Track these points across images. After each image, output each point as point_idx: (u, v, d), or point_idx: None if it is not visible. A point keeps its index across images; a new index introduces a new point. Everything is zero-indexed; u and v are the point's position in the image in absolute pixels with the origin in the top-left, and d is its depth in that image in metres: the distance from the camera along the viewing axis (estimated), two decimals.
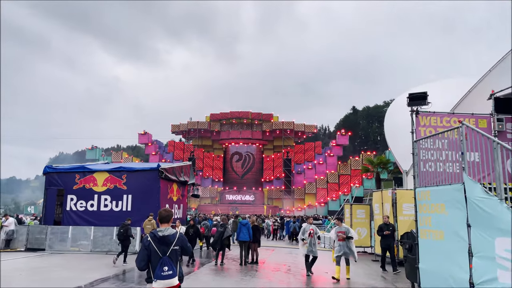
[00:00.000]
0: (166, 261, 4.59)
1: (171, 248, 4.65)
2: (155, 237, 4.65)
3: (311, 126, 73.29)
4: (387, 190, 14.55)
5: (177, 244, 4.72)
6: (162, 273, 4.55)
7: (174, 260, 4.68)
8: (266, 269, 13.05)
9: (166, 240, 4.65)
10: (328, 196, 65.54)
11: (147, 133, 71.22)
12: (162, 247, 4.62)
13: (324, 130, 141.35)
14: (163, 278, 4.54)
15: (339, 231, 11.34)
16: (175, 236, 4.74)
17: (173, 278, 4.61)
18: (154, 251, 4.59)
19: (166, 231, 4.71)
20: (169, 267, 4.58)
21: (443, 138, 8.35)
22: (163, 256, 4.59)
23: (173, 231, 4.78)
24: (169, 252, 4.64)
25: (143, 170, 19.49)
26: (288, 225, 26.40)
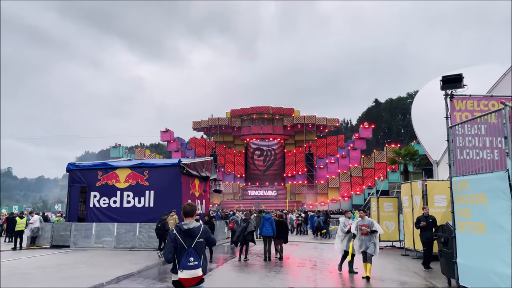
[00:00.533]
0: (192, 253, 4.75)
1: (196, 240, 4.82)
2: (180, 230, 4.85)
3: (333, 119, 72.23)
4: (416, 181, 13.88)
5: (201, 237, 4.89)
6: (188, 263, 4.70)
7: (199, 251, 4.83)
8: (291, 265, 12.64)
9: (191, 233, 4.83)
10: (352, 190, 64.50)
11: (169, 130, 71.63)
12: (188, 239, 4.80)
13: (346, 124, 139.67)
14: (189, 268, 4.70)
15: (362, 224, 10.38)
16: (200, 229, 4.92)
17: (198, 268, 4.76)
18: (180, 244, 4.78)
19: (191, 224, 4.89)
20: (195, 258, 4.74)
21: (481, 123, 7.75)
22: (189, 248, 4.77)
23: (197, 224, 4.95)
24: (194, 244, 4.81)
25: (164, 166, 19.33)
26: (312, 219, 25.91)
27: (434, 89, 18.76)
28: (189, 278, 4.72)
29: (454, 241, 7.82)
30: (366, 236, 10.28)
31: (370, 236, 10.29)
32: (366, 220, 10.56)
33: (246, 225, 13.18)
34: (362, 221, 10.52)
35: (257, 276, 10.48)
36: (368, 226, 10.35)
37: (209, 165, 23.39)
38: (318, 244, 20.32)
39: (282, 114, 70.75)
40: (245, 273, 11.11)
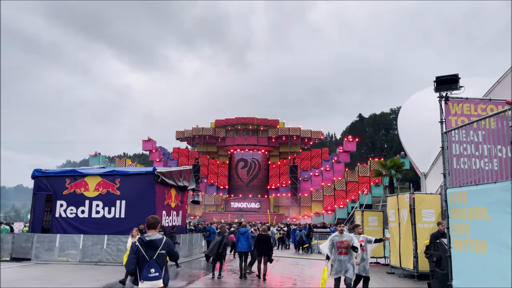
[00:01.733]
0: (153, 264, 4.82)
1: (158, 252, 4.88)
2: (142, 242, 4.90)
3: (317, 132, 71.77)
4: (403, 194, 13.06)
5: (163, 249, 4.95)
6: (149, 274, 4.76)
7: (160, 263, 4.90)
8: (269, 284, 11.58)
9: (153, 244, 4.89)
10: (336, 204, 63.80)
11: (151, 139, 70.14)
12: (150, 251, 4.86)
13: (330, 137, 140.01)
14: (149, 279, 4.76)
15: (341, 241, 8.12)
16: (162, 241, 4.96)
17: (159, 280, 4.82)
18: (142, 255, 4.83)
19: (153, 236, 4.96)
20: (156, 269, 4.81)
21: (478, 129, 6.92)
22: (150, 260, 4.83)
23: (159, 237, 4.99)
24: (156, 255, 4.87)
25: (137, 174, 18.17)
26: (294, 233, 24.89)
27: (421, 101, 18.24)
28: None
29: (449, 261, 6.92)
30: (345, 256, 8.08)
31: (350, 255, 8.15)
32: (346, 235, 8.23)
33: (221, 238, 12.11)
34: (340, 237, 8.18)
35: None
36: (348, 242, 8.09)
37: (187, 174, 22.24)
38: (299, 260, 19.29)
39: (267, 126, 69.98)
40: None
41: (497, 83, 12.26)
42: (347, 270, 8.06)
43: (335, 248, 8.17)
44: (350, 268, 8.09)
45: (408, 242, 12.62)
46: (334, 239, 8.27)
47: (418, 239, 12.35)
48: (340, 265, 8.07)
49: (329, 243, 8.29)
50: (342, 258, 8.10)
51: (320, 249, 8.83)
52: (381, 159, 69.48)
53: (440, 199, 12.69)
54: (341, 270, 8.07)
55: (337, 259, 8.10)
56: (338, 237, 8.24)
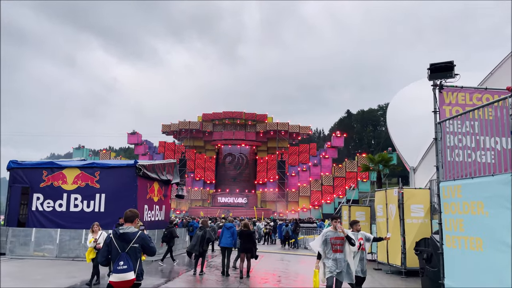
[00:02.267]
0: (124, 257, 4.79)
1: (130, 245, 4.86)
2: (116, 234, 4.95)
3: (306, 127, 71.54)
4: (392, 189, 12.70)
5: (136, 242, 4.91)
6: (118, 267, 4.75)
7: (132, 256, 4.86)
8: (253, 280, 11.11)
9: (125, 237, 4.89)
10: (323, 199, 63.79)
11: (137, 133, 69.05)
12: (122, 243, 4.86)
13: (318, 133, 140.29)
14: (117, 272, 4.75)
15: (335, 237, 7.02)
16: (136, 235, 4.94)
17: (128, 272, 4.76)
18: (114, 247, 4.87)
19: (128, 229, 4.97)
20: (125, 262, 4.77)
21: (474, 119, 6.52)
22: (122, 252, 4.81)
23: (134, 230, 4.99)
24: (128, 248, 4.85)
25: (118, 166, 17.53)
26: (280, 228, 24.50)
27: (410, 95, 17.93)
28: (118, 282, 4.77)
29: (441, 259, 6.53)
30: (341, 254, 6.93)
31: (345, 253, 7.01)
32: (340, 233, 7.07)
33: (202, 233, 11.59)
34: (335, 232, 7.06)
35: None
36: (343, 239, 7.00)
37: (171, 167, 21.64)
38: (285, 255, 18.89)
39: (255, 120, 69.45)
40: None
41: (490, 74, 11.94)
42: (341, 270, 6.88)
43: (328, 245, 6.99)
44: (345, 269, 6.93)
45: (396, 237, 12.26)
46: (327, 234, 7.08)
47: (406, 235, 12.00)
48: (335, 264, 6.87)
49: (321, 239, 7.10)
50: (337, 256, 6.90)
51: (310, 246, 7.89)
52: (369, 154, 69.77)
53: (429, 194, 12.37)
54: (336, 269, 6.85)
55: (332, 257, 6.91)
56: (332, 233, 7.06)
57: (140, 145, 68.88)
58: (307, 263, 16.12)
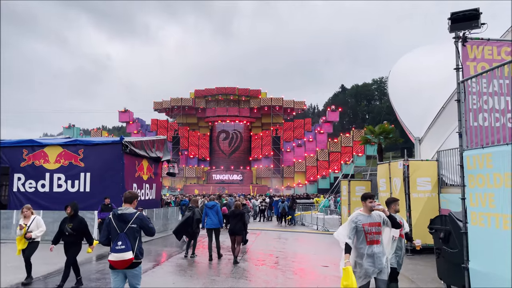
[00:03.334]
0: (122, 237, 4.89)
1: (128, 226, 4.95)
2: (114, 215, 5.04)
3: (300, 102, 70.51)
4: (396, 161, 11.82)
5: (134, 223, 4.98)
6: (116, 247, 4.84)
7: (130, 236, 4.94)
8: (248, 262, 10.30)
9: (123, 218, 4.99)
10: (318, 174, 63.37)
11: (128, 110, 67.70)
12: (120, 224, 4.97)
13: (313, 109, 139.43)
14: (116, 252, 4.84)
15: (369, 223, 4.97)
16: (134, 215, 5.02)
17: (126, 252, 4.82)
18: (113, 228, 4.98)
19: (126, 210, 5.05)
20: (123, 242, 4.86)
21: (502, 77, 5.54)
22: (121, 233, 4.92)
23: (132, 211, 5.07)
24: (126, 229, 4.95)
25: (103, 143, 16.46)
26: (276, 205, 23.77)
27: (413, 62, 16.84)
28: (116, 261, 4.84)
29: (465, 239, 5.66)
30: (379, 247, 4.96)
31: (383, 244, 5.11)
32: (375, 217, 5.01)
33: (191, 214, 10.66)
34: (368, 217, 5.00)
35: (200, 282, 8.07)
36: (380, 224, 5.00)
37: (161, 144, 20.62)
38: (282, 233, 18.17)
39: (249, 96, 68.21)
40: (187, 276, 8.66)
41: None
42: (382, 269, 4.94)
43: (361, 235, 4.94)
44: (385, 266, 4.99)
45: (401, 213, 11.44)
46: (358, 219, 4.99)
47: (412, 210, 11.21)
48: (372, 261, 4.88)
49: (350, 226, 4.99)
50: (374, 250, 4.89)
51: (335, 236, 5.24)
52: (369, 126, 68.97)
53: (436, 166, 11.50)
54: (374, 270, 4.89)
55: (366, 252, 4.89)
56: (364, 217, 5.00)
57: (132, 123, 67.62)
58: (305, 242, 15.41)
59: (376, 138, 22.64)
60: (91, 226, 14.73)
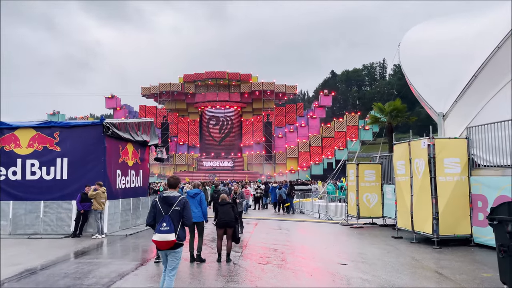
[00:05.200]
0: (166, 219, 5.11)
1: (172, 208, 5.20)
2: (160, 198, 5.34)
3: (292, 87, 68.66)
4: (418, 140, 10.27)
5: (178, 206, 5.22)
6: (161, 228, 5.07)
7: (174, 219, 5.15)
8: (248, 260, 8.70)
9: (167, 200, 5.26)
10: (311, 160, 62.04)
11: (115, 96, 65.25)
12: (165, 206, 5.23)
13: (303, 95, 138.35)
14: (160, 232, 5.05)
15: None
16: (177, 199, 5.28)
17: (169, 233, 5.02)
18: (159, 210, 5.25)
19: (171, 193, 5.37)
20: (167, 223, 5.07)
21: None
22: (165, 215, 5.15)
23: (177, 194, 5.35)
24: (171, 211, 5.18)
25: (81, 125, 14.70)
26: (274, 191, 22.23)
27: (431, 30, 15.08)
28: (160, 241, 5.06)
29: None
30: None
31: None
32: None
33: None
34: None
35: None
36: None
37: (148, 127, 18.84)
38: (282, 222, 16.65)
39: (239, 80, 66.18)
40: (177, 281, 7.04)
41: None
42: None
43: None
44: None
45: (424, 200, 9.97)
46: None
47: (439, 196, 9.71)
48: None
49: None
50: None
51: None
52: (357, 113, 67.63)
53: (466, 145, 9.99)
54: None
55: None
56: None
57: (120, 109, 65.22)
58: (309, 232, 13.93)
59: (386, 116, 20.90)
60: (68, 217, 13.11)
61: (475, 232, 9.71)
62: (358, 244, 10.69)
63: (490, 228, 9.28)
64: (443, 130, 11.04)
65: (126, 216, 15.13)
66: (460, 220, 9.77)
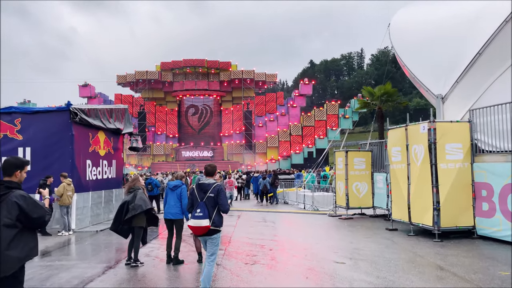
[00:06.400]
0: (201, 205, 5.22)
1: (207, 195, 5.27)
2: (197, 185, 5.45)
3: (272, 75, 67.63)
4: (417, 124, 9.44)
5: (212, 192, 5.28)
6: (195, 213, 5.22)
7: (209, 205, 5.23)
8: (233, 258, 7.72)
9: (203, 187, 5.36)
10: (292, 149, 61.39)
11: (89, 85, 62.89)
12: (201, 193, 5.33)
13: (282, 85, 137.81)
14: (194, 218, 5.22)
15: None
16: (211, 185, 5.34)
17: (203, 219, 5.15)
18: (195, 196, 5.37)
19: (206, 180, 5.47)
20: (202, 209, 5.20)
21: None
22: (200, 201, 5.25)
23: (212, 181, 5.42)
24: (205, 198, 5.26)
25: (45, 111, 13.38)
26: (256, 181, 21.26)
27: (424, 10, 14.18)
28: (194, 227, 5.20)
29: None
30: None
31: None
32: None
33: (130, 199, 7.39)
34: None
35: None
36: None
37: (121, 114, 17.54)
38: (267, 214, 15.72)
39: (219, 69, 64.62)
40: None
41: None
42: None
43: None
44: None
45: (424, 189, 9.18)
46: None
47: (440, 185, 8.92)
48: None
49: None
50: None
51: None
52: (337, 102, 67.21)
53: (469, 129, 9.20)
54: None
55: None
56: None
57: (94, 98, 62.89)
58: (296, 225, 13.07)
59: (376, 100, 20.00)
60: None
61: (478, 223, 8.99)
62: (352, 237, 9.85)
63: (496, 219, 8.66)
64: (442, 114, 10.24)
65: (97, 210, 13.94)
66: (462, 210, 9.03)
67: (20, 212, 3.32)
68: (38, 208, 3.45)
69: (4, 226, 3.26)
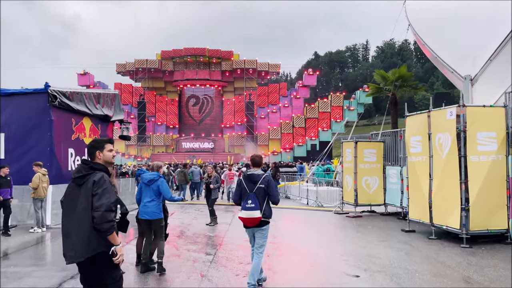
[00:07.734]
0: (251, 196, 5.17)
1: (257, 186, 5.21)
2: (245, 176, 5.41)
3: (275, 65, 66.08)
4: (443, 109, 8.07)
5: (262, 183, 5.21)
6: (246, 205, 5.16)
7: (259, 196, 5.18)
8: (223, 267, 6.44)
9: (251, 178, 5.28)
10: (294, 141, 60.05)
11: (88, 73, 61.57)
12: (250, 184, 5.25)
13: (286, 77, 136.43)
14: (245, 209, 5.17)
15: None
16: (261, 177, 5.27)
17: (255, 210, 5.11)
18: (244, 188, 5.29)
19: (254, 171, 5.35)
20: (253, 201, 5.14)
21: None
22: (250, 193, 5.19)
23: (260, 172, 5.35)
24: (255, 189, 5.21)
25: (21, 93, 12.05)
26: None
27: None
28: (245, 218, 5.18)
29: None
30: None
31: None
32: None
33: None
34: None
35: None
36: None
37: (111, 100, 16.22)
38: None
39: (220, 58, 63.06)
40: None
41: None
42: None
43: None
44: None
45: (450, 185, 7.83)
46: None
47: (470, 181, 7.58)
48: None
49: None
50: None
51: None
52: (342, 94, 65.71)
53: (504, 115, 7.82)
54: None
55: None
56: None
57: (93, 86, 61.44)
58: (299, 223, 11.77)
59: (389, 85, 18.35)
60: None
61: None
62: (363, 240, 8.52)
63: None
64: (470, 98, 8.87)
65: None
66: (495, 211, 7.69)
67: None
68: (102, 198, 3.07)
69: (83, 209, 3.14)
